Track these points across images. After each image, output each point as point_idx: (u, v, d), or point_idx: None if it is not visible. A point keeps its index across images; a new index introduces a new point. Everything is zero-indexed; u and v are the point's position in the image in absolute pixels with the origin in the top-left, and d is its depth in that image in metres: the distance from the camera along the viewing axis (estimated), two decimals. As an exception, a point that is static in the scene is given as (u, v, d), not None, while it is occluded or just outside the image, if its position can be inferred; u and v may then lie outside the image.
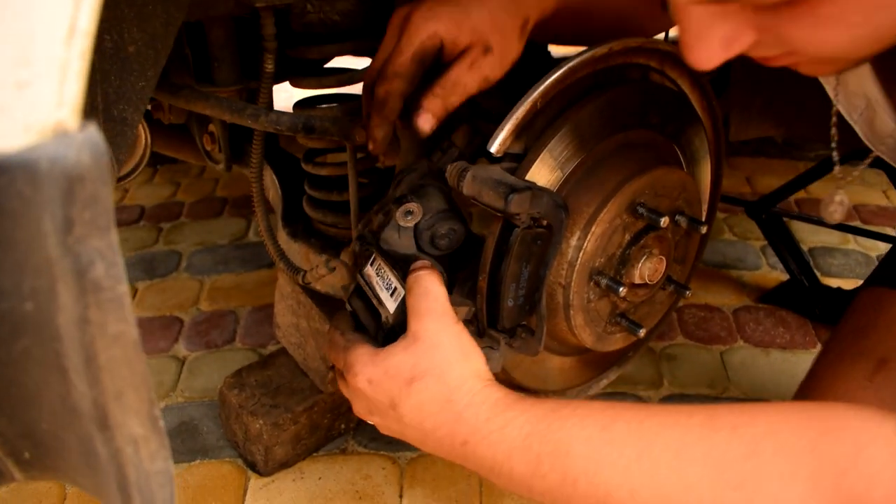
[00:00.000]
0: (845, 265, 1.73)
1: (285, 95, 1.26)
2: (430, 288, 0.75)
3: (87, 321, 0.34)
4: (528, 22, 0.79)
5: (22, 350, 0.35)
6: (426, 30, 0.75)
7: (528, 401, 0.71)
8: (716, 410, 0.64)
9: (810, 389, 1.02)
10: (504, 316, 0.79)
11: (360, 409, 0.79)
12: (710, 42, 0.57)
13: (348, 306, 0.86)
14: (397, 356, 0.73)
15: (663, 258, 0.87)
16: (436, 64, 0.78)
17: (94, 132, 0.31)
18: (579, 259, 0.81)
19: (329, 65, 1.08)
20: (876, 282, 1.02)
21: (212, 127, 1.11)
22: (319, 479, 1.15)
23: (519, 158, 0.78)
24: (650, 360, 1.43)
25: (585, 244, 0.80)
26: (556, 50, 1.13)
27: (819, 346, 1.46)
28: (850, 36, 0.53)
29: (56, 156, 0.31)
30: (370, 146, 0.81)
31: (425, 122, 0.77)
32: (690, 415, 0.64)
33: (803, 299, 1.56)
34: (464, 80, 0.77)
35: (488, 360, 0.77)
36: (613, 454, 0.63)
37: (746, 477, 0.58)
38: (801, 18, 0.53)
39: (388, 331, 0.79)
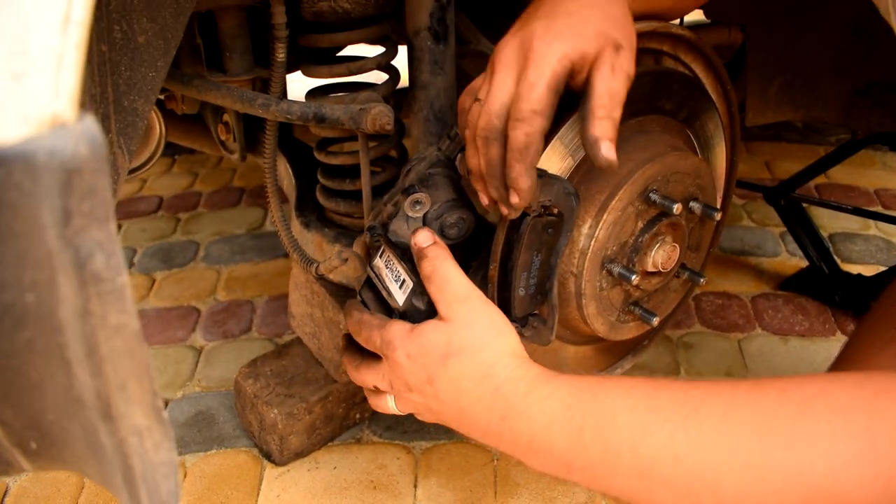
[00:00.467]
0: (866, 251, 1.71)
1: (299, 85, 1.26)
2: (448, 275, 0.73)
3: (89, 313, 0.34)
4: (627, 2, 0.74)
5: (25, 341, 0.35)
6: (553, 54, 0.67)
7: (569, 375, 0.69)
8: (763, 379, 0.62)
9: (839, 371, 1.01)
10: (515, 305, 0.79)
11: (399, 387, 0.75)
12: None
13: (359, 298, 0.86)
14: (432, 333, 0.72)
15: (677, 245, 0.86)
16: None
17: (91, 123, 0.31)
18: (591, 247, 0.80)
19: (340, 53, 1.08)
20: None
21: (226, 117, 1.11)
22: (334, 468, 1.16)
23: (529, 146, 0.77)
24: (667, 348, 1.42)
25: (597, 232, 0.80)
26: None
27: (839, 334, 1.44)
28: None
29: (54, 147, 0.30)
30: (514, 199, 0.70)
31: (609, 151, 0.69)
32: (737, 384, 0.62)
33: (823, 286, 1.54)
34: (615, 89, 0.69)
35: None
36: (658, 420, 0.60)
37: (797, 436, 0.55)
38: None
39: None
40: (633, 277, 0.81)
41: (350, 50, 1.05)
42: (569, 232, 0.76)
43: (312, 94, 1.01)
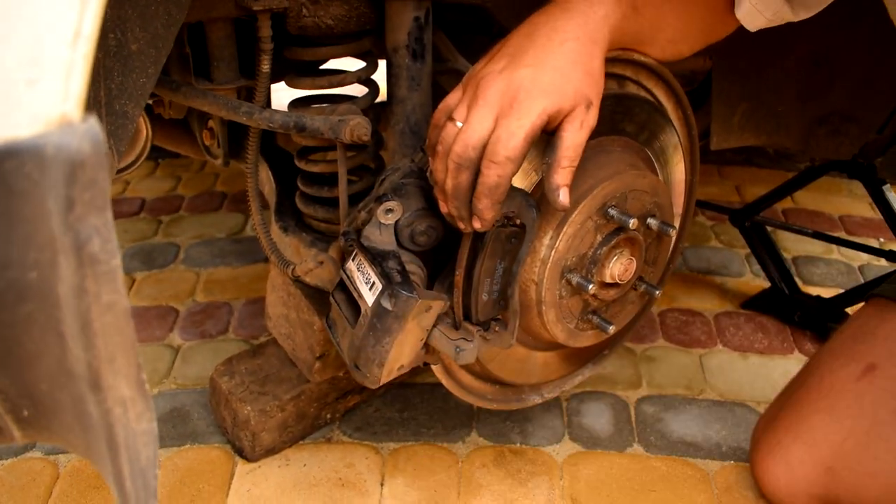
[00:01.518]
0: (827, 274, 1.77)
1: (284, 94, 1.30)
2: None
3: (84, 291, 0.39)
4: (605, 52, 0.80)
5: (25, 315, 0.40)
6: (535, 109, 0.74)
7: None
8: None
9: (800, 383, 1.08)
10: (479, 309, 0.84)
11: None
12: None
13: (332, 299, 0.90)
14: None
15: (634, 259, 0.91)
16: None
17: (94, 124, 0.36)
18: (551, 257, 0.85)
19: (323, 66, 1.12)
20: (882, 293, 1.06)
21: (211, 123, 1.16)
22: (304, 465, 1.20)
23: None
24: (630, 361, 1.47)
25: (557, 243, 0.85)
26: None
27: (797, 353, 1.50)
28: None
29: (61, 143, 0.35)
30: (476, 225, 0.78)
31: (566, 197, 0.77)
32: None
33: (783, 306, 1.60)
34: (579, 142, 0.76)
35: (462, 351, 0.82)
36: None
37: None
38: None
39: (369, 320, 0.83)
40: (591, 287, 0.87)
41: (332, 63, 1.10)
42: (530, 242, 0.81)
43: (295, 104, 1.05)
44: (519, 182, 0.83)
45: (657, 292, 0.96)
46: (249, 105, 0.87)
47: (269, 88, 0.97)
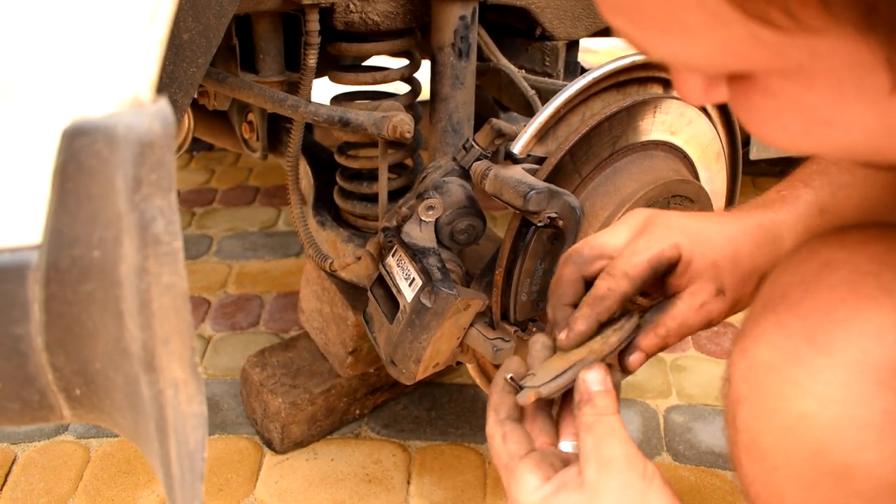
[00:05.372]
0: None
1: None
2: (614, 430, 0.61)
3: (146, 271, 0.39)
4: (765, 275, 0.67)
5: (87, 293, 0.40)
6: (668, 239, 0.68)
7: None
8: None
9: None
10: (517, 310, 0.84)
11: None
12: (691, 89, 0.49)
13: (370, 294, 0.91)
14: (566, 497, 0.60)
15: (674, 265, 0.91)
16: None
17: (164, 105, 0.36)
18: (592, 260, 0.85)
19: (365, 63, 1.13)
20: None
21: (251, 116, 1.16)
22: (332, 460, 1.20)
23: (540, 161, 0.82)
24: (660, 370, 1.46)
25: (599, 246, 0.84)
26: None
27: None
28: (787, 139, 0.44)
29: (132, 123, 0.35)
30: (564, 335, 0.68)
31: (636, 362, 0.69)
32: None
33: (816, 321, 1.58)
34: (689, 322, 0.69)
35: (500, 350, 0.82)
36: None
37: None
38: (740, 101, 0.45)
39: (407, 316, 0.83)
40: (630, 291, 0.86)
41: (372, 60, 1.11)
42: (572, 243, 0.81)
43: (337, 99, 1.06)
44: (562, 183, 0.82)
45: (695, 300, 0.95)
46: (295, 98, 0.87)
47: (312, 82, 0.97)
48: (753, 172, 2.26)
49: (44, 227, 0.38)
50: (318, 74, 1.03)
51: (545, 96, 1.01)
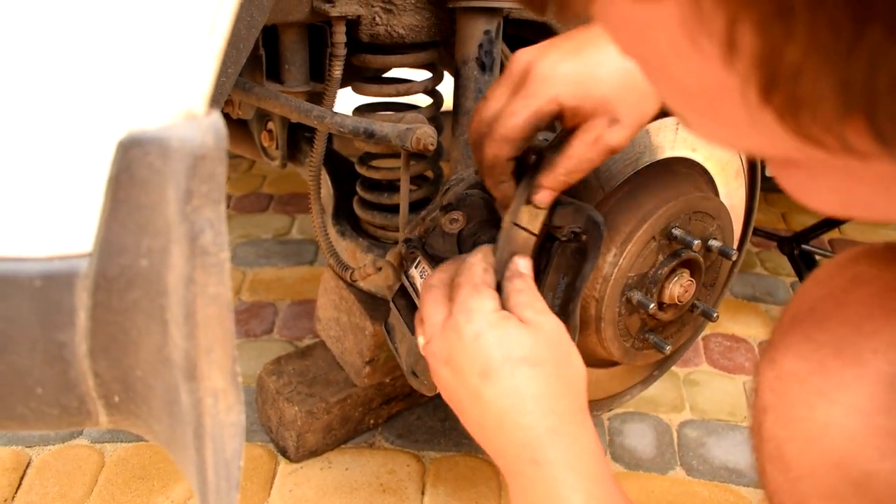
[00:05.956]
0: (874, 308, 1.75)
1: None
2: (538, 297, 0.72)
3: (193, 281, 0.40)
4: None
5: (133, 301, 0.41)
6: (546, 93, 0.68)
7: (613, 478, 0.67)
8: None
9: None
10: (539, 322, 0.84)
11: (437, 348, 0.70)
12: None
13: (392, 305, 0.91)
14: (519, 330, 0.67)
15: (693, 281, 0.91)
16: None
17: (217, 118, 0.37)
18: (614, 274, 0.85)
19: (386, 75, 1.14)
20: None
21: (271, 125, 1.17)
22: (346, 469, 1.20)
23: (564, 175, 0.83)
24: (673, 384, 1.46)
25: (621, 261, 0.85)
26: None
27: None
28: (824, 208, 0.43)
29: (185, 136, 0.36)
30: (496, 195, 0.77)
31: (543, 199, 0.73)
32: None
33: (829, 337, 1.57)
34: (588, 157, 0.70)
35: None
36: None
37: None
38: (779, 168, 0.43)
39: None
40: (651, 306, 0.86)
41: (392, 72, 1.11)
42: (595, 258, 0.81)
43: (360, 110, 1.07)
44: (585, 198, 0.83)
45: (715, 315, 0.95)
46: (321, 109, 0.88)
47: (336, 94, 0.98)
48: (766, 189, 2.26)
49: (95, 236, 0.39)
50: (341, 85, 1.03)
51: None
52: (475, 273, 0.72)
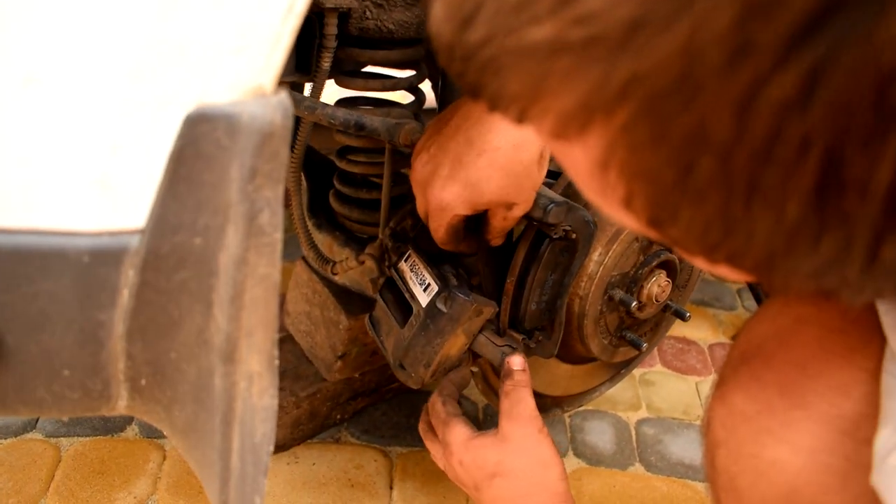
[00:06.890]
0: (815, 314, 1.82)
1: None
2: (524, 397, 0.83)
3: (245, 262, 0.39)
4: (544, 152, 0.78)
5: (180, 281, 0.40)
6: (447, 215, 0.79)
7: None
8: None
9: None
10: (526, 318, 0.85)
11: (450, 473, 0.89)
12: None
13: (379, 298, 0.91)
14: (487, 449, 0.82)
15: (670, 281, 0.94)
16: None
17: (285, 97, 0.37)
18: (599, 273, 0.87)
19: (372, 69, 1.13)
20: None
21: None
22: (313, 464, 1.19)
23: (556, 175, 0.84)
24: (630, 383, 1.49)
25: (606, 259, 0.87)
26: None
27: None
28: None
29: (255, 113, 0.36)
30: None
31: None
32: None
33: (775, 341, 1.64)
34: (505, 226, 0.81)
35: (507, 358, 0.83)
36: None
37: None
38: None
39: (421, 320, 0.84)
40: (633, 303, 0.88)
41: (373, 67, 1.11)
42: (583, 256, 0.83)
43: (342, 103, 1.06)
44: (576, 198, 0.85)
45: (687, 315, 0.98)
46: (312, 100, 0.87)
47: (324, 85, 0.97)
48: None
49: (149, 212, 0.38)
50: (328, 77, 1.03)
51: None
52: (438, 412, 0.89)
